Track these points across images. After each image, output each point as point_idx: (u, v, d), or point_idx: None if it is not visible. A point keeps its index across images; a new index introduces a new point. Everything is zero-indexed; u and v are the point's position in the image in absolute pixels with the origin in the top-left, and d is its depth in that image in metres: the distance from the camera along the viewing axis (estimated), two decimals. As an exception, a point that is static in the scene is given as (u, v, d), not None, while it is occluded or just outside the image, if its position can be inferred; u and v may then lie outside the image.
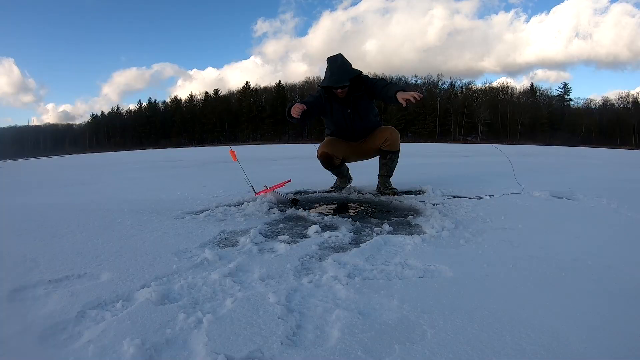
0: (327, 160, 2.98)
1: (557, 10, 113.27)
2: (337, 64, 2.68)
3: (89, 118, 77.24)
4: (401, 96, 2.35)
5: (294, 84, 64.28)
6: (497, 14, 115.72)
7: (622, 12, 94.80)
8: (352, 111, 2.81)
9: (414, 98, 2.29)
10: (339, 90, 2.70)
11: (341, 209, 2.55)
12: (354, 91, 2.74)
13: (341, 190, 3.10)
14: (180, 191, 3.29)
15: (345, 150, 3.01)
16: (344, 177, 3.20)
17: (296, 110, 2.50)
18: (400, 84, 2.68)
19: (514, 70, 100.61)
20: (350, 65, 2.71)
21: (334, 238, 1.75)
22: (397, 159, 3.05)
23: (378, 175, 3.09)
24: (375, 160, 3.12)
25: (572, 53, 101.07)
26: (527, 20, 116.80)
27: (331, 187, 3.19)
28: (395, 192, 2.92)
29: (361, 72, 2.73)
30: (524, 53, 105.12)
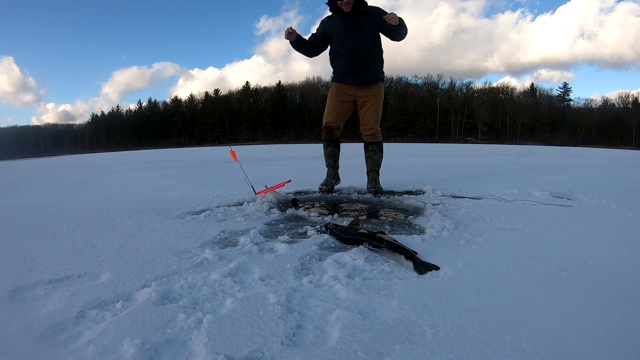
0: (329, 132, 3.09)
1: (562, 9, 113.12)
2: None
3: (89, 118, 77.23)
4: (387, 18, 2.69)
5: (294, 84, 64.31)
6: (503, 13, 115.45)
7: (628, 11, 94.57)
8: (354, 23, 2.83)
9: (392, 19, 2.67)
10: (343, 0, 2.73)
11: (341, 209, 2.55)
12: (358, 7, 2.81)
13: (331, 192, 3.03)
14: (180, 191, 3.29)
15: (346, 113, 3.10)
16: (334, 168, 3.15)
17: (291, 35, 2.78)
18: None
19: (518, 70, 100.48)
20: None
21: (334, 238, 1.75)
22: (381, 151, 3.07)
23: (366, 172, 3.07)
24: None
25: (576, 53, 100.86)
26: (533, 20, 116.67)
27: (320, 186, 3.07)
28: (378, 191, 2.88)
29: None
30: (528, 53, 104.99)
